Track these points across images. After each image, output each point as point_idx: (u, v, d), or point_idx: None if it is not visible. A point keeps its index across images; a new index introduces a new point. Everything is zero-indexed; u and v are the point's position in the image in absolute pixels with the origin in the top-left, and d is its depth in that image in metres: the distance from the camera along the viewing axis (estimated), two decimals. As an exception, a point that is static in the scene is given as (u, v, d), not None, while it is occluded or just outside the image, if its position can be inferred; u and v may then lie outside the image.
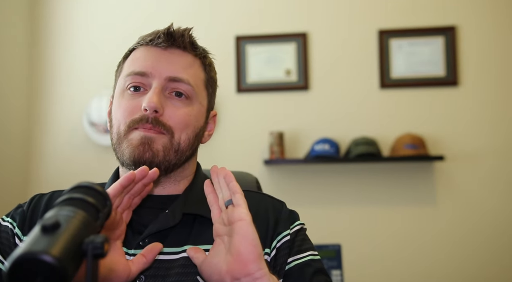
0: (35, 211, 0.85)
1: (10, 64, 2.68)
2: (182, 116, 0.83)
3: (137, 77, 0.84)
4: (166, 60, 0.84)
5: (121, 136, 0.82)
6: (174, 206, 0.83)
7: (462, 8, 2.64)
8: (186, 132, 0.83)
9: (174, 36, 0.86)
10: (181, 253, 0.80)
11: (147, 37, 0.88)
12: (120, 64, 0.91)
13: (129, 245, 0.79)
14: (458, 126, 2.59)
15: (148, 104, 0.80)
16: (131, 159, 0.80)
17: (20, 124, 2.75)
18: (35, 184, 2.75)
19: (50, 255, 0.42)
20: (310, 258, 0.84)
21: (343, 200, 2.61)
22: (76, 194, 0.54)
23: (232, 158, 2.66)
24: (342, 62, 2.69)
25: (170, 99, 0.83)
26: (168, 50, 0.85)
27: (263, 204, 0.88)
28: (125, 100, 0.84)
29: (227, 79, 2.70)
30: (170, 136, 0.81)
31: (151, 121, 0.80)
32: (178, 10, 2.74)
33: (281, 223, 0.86)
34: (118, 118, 0.84)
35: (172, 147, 0.82)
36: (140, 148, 0.79)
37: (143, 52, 0.86)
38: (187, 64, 0.85)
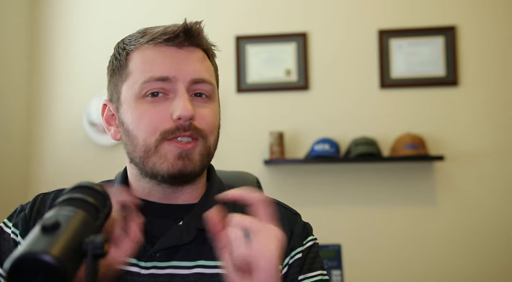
0: (40, 213, 0.81)
1: (10, 64, 2.68)
2: (210, 118, 0.79)
3: (158, 83, 0.76)
4: (186, 61, 0.78)
5: (150, 149, 0.76)
6: (189, 220, 0.79)
7: (462, 8, 2.64)
8: (214, 133, 0.81)
9: (193, 34, 0.80)
10: (193, 268, 0.77)
11: (158, 35, 0.78)
12: (121, 66, 0.81)
13: (141, 256, 0.76)
14: (458, 126, 2.59)
15: (183, 113, 0.74)
16: (170, 173, 0.75)
17: (20, 124, 2.75)
18: (35, 184, 2.74)
19: (50, 255, 0.42)
20: (319, 278, 0.81)
21: (343, 200, 2.61)
22: (76, 194, 0.53)
23: (232, 158, 2.66)
24: (342, 62, 2.69)
25: (193, 101, 0.78)
26: (185, 49, 0.79)
27: (278, 212, 0.83)
28: (146, 109, 0.76)
29: (227, 79, 2.70)
30: (204, 140, 0.78)
31: (189, 128, 0.75)
32: (178, 10, 2.74)
33: (295, 237, 0.83)
34: (143, 129, 0.76)
35: (206, 152, 0.78)
36: (179, 162, 0.75)
37: (156, 53, 0.78)
38: (202, 61, 0.81)
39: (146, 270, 0.75)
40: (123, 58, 0.81)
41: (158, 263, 0.76)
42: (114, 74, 0.83)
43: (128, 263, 0.75)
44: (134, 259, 0.75)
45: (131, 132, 0.78)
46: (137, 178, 0.82)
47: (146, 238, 0.76)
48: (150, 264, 0.75)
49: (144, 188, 0.81)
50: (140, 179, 0.81)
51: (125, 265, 0.74)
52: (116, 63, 0.82)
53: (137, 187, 0.82)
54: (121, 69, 0.81)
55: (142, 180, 0.81)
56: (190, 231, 0.78)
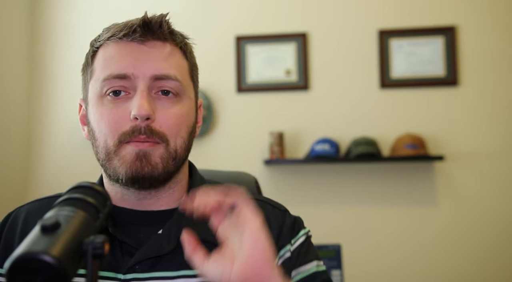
0: (12, 231, 0.79)
1: (11, 64, 2.68)
2: (174, 119, 0.74)
3: (117, 81, 0.73)
4: (146, 57, 0.74)
5: (110, 152, 0.73)
6: (169, 228, 0.75)
7: (461, 8, 2.64)
8: (180, 135, 0.75)
9: (152, 28, 0.75)
10: (177, 278, 0.73)
11: (118, 31, 0.75)
12: (88, 63, 0.79)
13: (120, 268, 0.72)
14: (458, 126, 2.59)
15: (138, 112, 0.70)
16: (128, 176, 0.72)
17: (20, 123, 2.75)
18: (35, 184, 2.74)
19: (50, 255, 0.42)
20: (314, 270, 0.79)
21: (343, 200, 2.61)
22: (76, 194, 0.53)
23: (232, 158, 2.66)
24: (342, 62, 2.69)
25: (158, 99, 0.74)
26: (146, 44, 0.75)
27: (263, 213, 0.80)
28: (106, 109, 0.73)
29: (227, 79, 2.70)
30: (165, 144, 0.73)
31: (144, 132, 0.71)
32: (178, 10, 2.74)
33: (283, 236, 0.80)
34: (103, 131, 0.73)
35: (169, 155, 0.74)
36: (137, 163, 0.71)
37: (116, 50, 0.75)
38: (169, 56, 0.76)
39: None
40: (90, 56, 0.79)
41: (138, 274, 0.72)
42: (83, 72, 0.81)
43: (106, 277, 0.72)
44: (112, 272, 0.72)
45: (94, 133, 0.76)
46: (109, 182, 0.78)
47: (124, 249, 0.74)
48: (130, 276, 0.72)
49: (117, 192, 0.77)
50: (111, 183, 0.78)
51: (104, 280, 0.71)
52: (84, 62, 0.80)
53: (110, 191, 0.78)
54: (87, 67, 0.79)
55: (113, 184, 0.77)
56: (170, 240, 0.74)
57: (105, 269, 0.72)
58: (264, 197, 0.90)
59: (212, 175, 0.99)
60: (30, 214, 0.81)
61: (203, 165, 0.96)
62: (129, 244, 0.74)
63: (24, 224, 0.79)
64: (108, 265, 0.72)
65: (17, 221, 0.80)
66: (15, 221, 0.81)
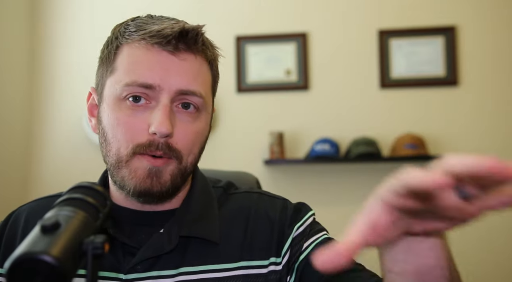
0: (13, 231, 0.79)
1: (11, 64, 2.68)
2: (191, 136, 0.73)
3: (140, 89, 0.70)
4: (176, 70, 0.71)
5: (122, 161, 0.71)
6: (170, 227, 0.75)
7: (462, 8, 2.64)
8: (193, 152, 0.75)
9: (187, 41, 0.72)
10: (177, 276, 0.73)
11: (149, 35, 0.71)
12: (109, 58, 0.75)
13: (121, 268, 0.72)
14: (458, 126, 2.59)
15: (159, 129, 0.68)
16: (136, 191, 0.71)
17: (20, 124, 2.75)
18: (35, 184, 2.74)
19: (50, 255, 0.42)
20: (324, 237, 0.79)
21: (343, 200, 2.61)
22: (76, 194, 0.53)
23: (232, 158, 2.66)
24: (342, 62, 2.69)
25: (178, 113, 0.72)
26: (178, 56, 0.71)
27: (262, 205, 0.82)
28: (124, 115, 0.71)
29: (227, 79, 2.70)
30: (178, 161, 0.72)
31: (161, 148, 0.70)
32: (178, 10, 2.74)
33: (288, 225, 0.79)
34: (118, 137, 0.71)
35: (179, 172, 0.73)
36: (148, 180, 0.70)
37: (145, 55, 0.71)
38: (197, 72, 0.73)
39: None
40: (113, 50, 0.74)
41: (139, 274, 0.72)
42: (102, 63, 0.77)
43: (108, 277, 0.72)
44: (113, 272, 0.72)
45: (107, 136, 0.73)
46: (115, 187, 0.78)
47: (126, 249, 0.74)
48: (131, 276, 0.72)
49: (121, 193, 0.77)
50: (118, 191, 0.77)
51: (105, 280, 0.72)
52: (106, 53, 0.76)
53: (113, 190, 0.78)
54: (108, 61, 0.75)
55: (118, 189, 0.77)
56: (171, 239, 0.74)
57: (106, 269, 0.72)
58: (262, 189, 0.90)
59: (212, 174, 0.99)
60: (31, 213, 0.81)
61: (203, 164, 0.96)
62: (130, 244, 0.74)
63: (26, 224, 0.80)
64: (110, 265, 0.73)
65: (19, 221, 0.81)
66: (17, 221, 0.81)
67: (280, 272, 0.75)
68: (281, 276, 0.75)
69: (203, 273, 0.73)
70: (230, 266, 0.75)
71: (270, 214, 0.80)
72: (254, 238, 0.78)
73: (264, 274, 0.75)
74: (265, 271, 0.75)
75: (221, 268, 0.74)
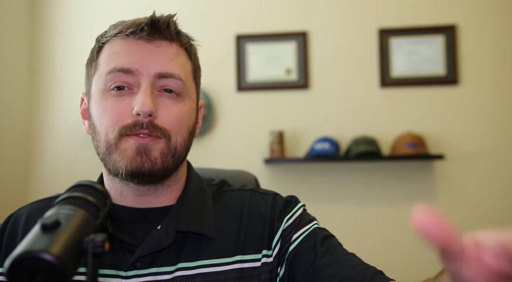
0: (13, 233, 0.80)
1: (11, 64, 2.68)
2: (176, 117, 0.75)
3: (121, 75, 0.74)
4: (152, 54, 0.75)
5: (111, 146, 0.73)
6: (167, 222, 0.77)
7: (462, 7, 2.64)
8: (181, 133, 0.76)
9: (159, 27, 0.76)
10: (175, 272, 0.74)
11: (125, 28, 0.76)
12: (93, 58, 0.80)
13: (121, 266, 0.73)
14: (458, 125, 2.59)
15: (141, 108, 0.71)
16: (128, 171, 0.72)
17: (21, 123, 2.75)
18: (35, 184, 2.74)
19: (50, 254, 0.42)
20: (315, 226, 0.81)
21: (343, 199, 2.61)
22: (76, 192, 0.53)
23: (232, 157, 2.66)
24: (342, 61, 2.69)
25: (160, 97, 0.75)
26: (153, 43, 0.76)
27: (255, 202, 0.84)
28: (110, 103, 0.74)
29: (227, 78, 2.70)
30: (166, 140, 0.74)
31: (147, 127, 0.72)
32: (178, 9, 2.73)
33: (277, 218, 0.82)
34: (105, 124, 0.74)
35: (169, 151, 0.74)
36: (137, 158, 0.72)
37: (122, 46, 0.76)
38: (174, 56, 0.77)
39: (127, 280, 0.73)
40: (95, 51, 0.80)
41: (139, 271, 0.74)
42: (87, 66, 0.82)
43: (108, 274, 0.73)
44: (113, 270, 0.73)
45: (96, 127, 0.76)
46: (108, 178, 0.80)
47: (125, 247, 0.75)
48: (131, 273, 0.73)
49: (117, 189, 0.78)
50: (111, 178, 0.79)
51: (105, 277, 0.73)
52: (89, 56, 0.82)
53: (110, 188, 0.79)
54: (92, 62, 0.80)
55: (113, 180, 0.78)
56: (168, 235, 0.75)
57: (106, 267, 0.73)
58: (254, 186, 0.92)
59: (213, 173, 0.99)
60: (31, 214, 0.82)
61: (204, 163, 0.96)
62: (129, 242, 0.75)
63: (26, 224, 0.80)
64: (110, 263, 0.74)
65: (19, 222, 0.81)
66: (17, 222, 0.82)
67: (271, 264, 0.78)
68: (272, 267, 0.78)
69: (199, 268, 0.75)
70: (225, 261, 0.77)
71: (262, 209, 0.83)
72: (247, 233, 0.80)
73: (258, 267, 0.77)
74: (259, 264, 0.78)
75: (217, 263, 0.76)
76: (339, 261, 0.75)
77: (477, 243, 0.41)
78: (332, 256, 0.76)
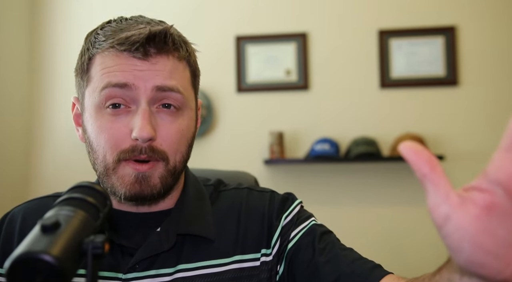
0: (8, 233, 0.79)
1: (11, 63, 2.68)
2: (175, 136, 0.73)
3: (116, 91, 0.70)
4: (149, 71, 0.71)
5: (109, 169, 0.72)
6: (167, 226, 0.76)
7: (461, 8, 2.64)
8: (180, 151, 0.74)
9: (156, 45, 0.71)
10: (174, 274, 0.74)
11: (118, 43, 0.71)
12: (83, 68, 0.76)
13: (120, 268, 0.73)
14: (458, 126, 2.59)
15: (140, 133, 0.69)
16: (126, 196, 0.72)
17: (21, 123, 2.75)
18: (35, 184, 2.74)
19: (50, 255, 0.42)
20: (313, 223, 0.82)
21: (343, 200, 2.61)
22: (76, 193, 0.53)
23: (232, 158, 2.66)
24: (342, 62, 2.69)
25: (159, 113, 0.72)
26: (149, 60, 0.71)
27: (252, 200, 0.84)
28: (106, 123, 0.71)
29: (227, 79, 2.70)
30: (165, 163, 0.73)
31: (145, 152, 0.70)
32: (178, 10, 2.74)
33: (276, 216, 0.82)
34: (102, 145, 0.72)
35: (168, 173, 0.73)
36: (136, 186, 0.71)
37: (116, 61, 0.71)
38: (172, 70, 0.73)
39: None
40: (86, 62, 0.75)
41: (138, 273, 0.73)
42: (78, 75, 0.78)
43: (107, 277, 0.73)
44: (113, 272, 0.73)
45: (92, 144, 0.74)
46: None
47: (125, 250, 0.75)
48: (130, 276, 0.73)
49: (114, 198, 0.77)
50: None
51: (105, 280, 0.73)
52: (80, 64, 0.77)
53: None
54: (83, 72, 0.76)
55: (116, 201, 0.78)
56: (169, 238, 0.75)
57: (105, 269, 0.73)
58: (250, 185, 0.92)
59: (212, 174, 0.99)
60: (27, 213, 0.82)
61: (203, 164, 0.96)
62: (128, 246, 0.75)
63: (22, 223, 0.80)
64: (109, 265, 0.74)
65: (15, 221, 0.81)
66: (13, 221, 0.81)
67: (271, 262, 0.78)
68: (271, 266, 0.78)
69: (199, 269, 0.75)
70: (224, 261, 0.77)
71: (259, 208, 0.83)
72: (246, 232, 0.80)
73: (258, 267, 0.78)
74: (258, 263, 0.78)
75: (217, 264, 0.76)
76: (337, 257, 0.75)
77: (464, 189, 0.43)
78: (330, 251, 0.76)
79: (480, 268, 0.38)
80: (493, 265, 0.38)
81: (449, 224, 0.39)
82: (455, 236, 0.39)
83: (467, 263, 0.39)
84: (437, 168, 0.42)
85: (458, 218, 0.39)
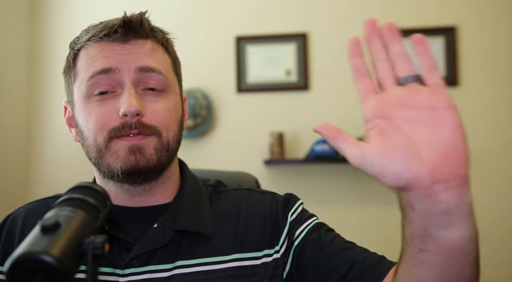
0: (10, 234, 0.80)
1: (10, 63, 2.68)
2: (163, 113, 0.75)
3: (102, 77, 0.73)
4: (130, 53, 0.75)
5: (101, 148, 0.73)
6: (164, 221, 0.76)
7: (462, 8, 2.64)
8: (171, 128, 0.76)
9: (133, 27, 0.75)
10: (173, 270, 0.74)
11: (98, 31, 0.75)
12: (70, 66, 0.81)
13: (118, 264, 0.74)
14: (458, 127, 2.59)
15: (128, 108, 0.70)
16: (123, 171, 0.72)
17: (20, 123, 2.75)
18: (35, 184, 2.74)
19: (50, 256, 0.42)
20: (316, 222, 0.84)
21: (343, 200, 2.61)
22: (75, 194, 0.53)
23: (232, 158, 2.66)
24: (342, 62, 2.68)
25: (145, 95, 0.75)
26: (129, 43, 0.75)
27: (252, 201, 0.85)
28: (95, 107, 0.74)
29: (227, 79, 2.70)
30: (158, 136, 0.74)
31: (136, 127, 0.72)
32: (178, 10, 2.74)
33: (280, 217, 0.83)
34: (92, 129, 0.73)
35: (163, 147, 0.74)
36: (131, 157, 0.72)
37: (98, 49, 0.75)
38: (152, 52, 0.77)
39: (124, 278, 0.73)
40: (71, 59, 0.80)
41: (135, 269, 0.74)
42: (66, 75, 0.83)
43: (105, 272, 0.73)
44: (110, 268, 0.73)
45: (83, 133, 0.76)
46: (102, 181, 0.79)
47: (122, 245, 0.75)
48: (128, 271, 0.73)
49: (111, 191, 0.78)
50: (105, 182, 0.79)
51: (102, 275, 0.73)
52: (66, 64, 0.82)
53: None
54: (70, 70, 0.81)
55: (107, 183, 0.78)
56: (166, 233, 0.75)
57: (103, 265, 0.74)
58: (250, 186, 0.93)
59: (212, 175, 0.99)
60: (29, 214, 0.82)
61: (204, 165, 0.96)
62: (126, 240, 0.75)
63: (23, 225, 0.80)
64: (106, 261, 0.74)
65: (16, 223, 0.81)
66: (14, 223, 0.82)
67: (278, 261, 0.79)
68: (279, 264, 0.79)
69: (198, 266, 0.75)
70: (223, 259, 0.77)
71: (260, 208, 0.83)
72: (246, 231, 0.80)
73: (257, 266, 0.78)
74: (258, 263, 0.78)
75: (215, 261, 0.76)
76: (345, 249, 0.78)
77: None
78: (337, 244, 0.78)
79: (400, 174, 0.51)
80: (410, 168, 0.51)
81: (365, 158, 0.52)
82: (373, 160, 0.52)
83: (391, 177, 0.52)
84: (342, 131, 0.56)
85: (368, 149, 0.52)
